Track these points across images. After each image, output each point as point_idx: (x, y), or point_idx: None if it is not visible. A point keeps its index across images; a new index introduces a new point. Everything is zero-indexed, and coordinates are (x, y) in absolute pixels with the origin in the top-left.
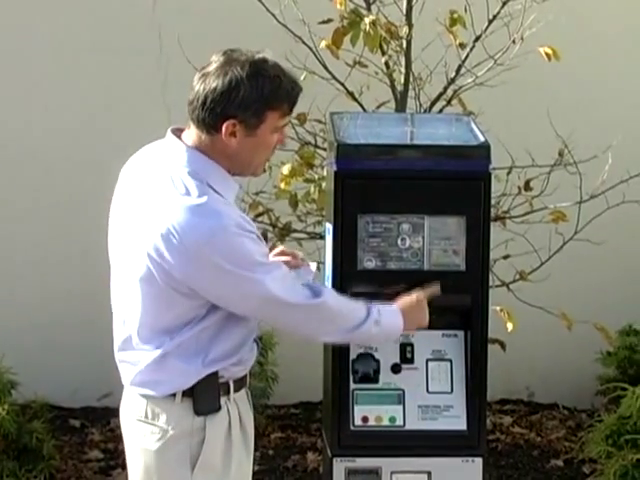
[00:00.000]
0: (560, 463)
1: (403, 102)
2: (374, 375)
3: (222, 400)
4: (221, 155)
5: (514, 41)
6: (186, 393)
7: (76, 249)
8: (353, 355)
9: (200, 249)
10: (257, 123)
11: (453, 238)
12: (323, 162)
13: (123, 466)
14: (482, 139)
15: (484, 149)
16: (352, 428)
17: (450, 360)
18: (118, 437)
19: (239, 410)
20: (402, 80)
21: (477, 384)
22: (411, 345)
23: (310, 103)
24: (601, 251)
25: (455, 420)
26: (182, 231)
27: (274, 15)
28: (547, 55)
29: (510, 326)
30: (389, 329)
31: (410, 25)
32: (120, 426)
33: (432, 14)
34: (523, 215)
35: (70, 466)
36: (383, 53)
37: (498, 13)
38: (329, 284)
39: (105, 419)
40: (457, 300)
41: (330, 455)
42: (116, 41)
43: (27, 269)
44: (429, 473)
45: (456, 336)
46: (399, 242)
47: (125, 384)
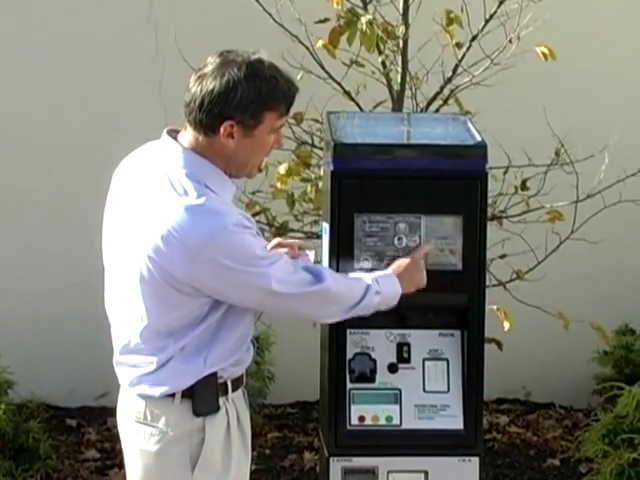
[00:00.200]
0: (557, 462)
1: (400, 101)
2: (371, 374)
3: (221, 400)
4: (218, 156)
5: (511, 41)
6: (185, 394)
7: (74, 249)
8: (350, 355)
9: (202, 249)
10: (255, 124)
11: (450, 237)
12: (320, 161)
13: (120, 466)
14: (479, 138)
15: (481, 149)
16: (349, 427)
17: (447, 359)
18: (115, 437)
19: (237, 410)
20: (399, 79)
21: (474, 383)
22: (408, 345)
23: (307, 102)
24: (597, 250)
25: (452, 419)
26: (183, 231)
27: (271, 14)
28: (544, 55)
29: (507, 325)
30: (389, 296)
31: (407, 24)
32: (117, 426)
33: (429, 13)
34: (520, 214)
35: (67, 466)
36: (380, 52)
37: (495, 12)
38: None
39: (102, 419)
40: (454, 299)
41: (327, 454)
42: (112, 40)
43: (23, 269)
44: (426, 472)
45: (453, 335)
46: (396, 241)
47: (123, 385)
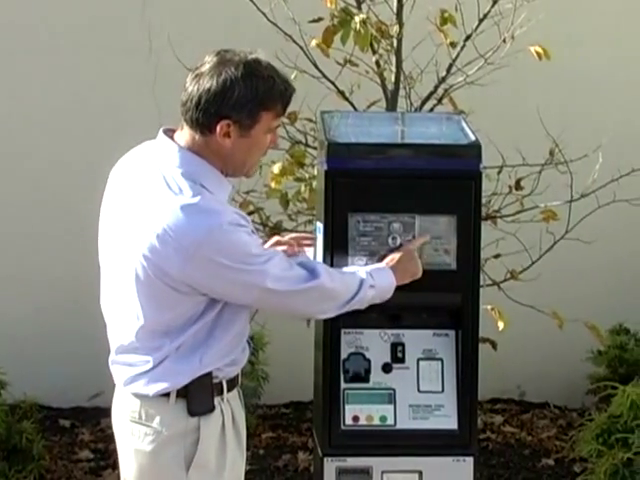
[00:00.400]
0: (551, 462)
1: (394, 101)
2: (365, 374)
3: (216, 400)
4: (215, 156)
5: (505, 40)
6: (180, 394)
7: (69, 247)
8: (344, 354)
9: (197, 248)
10: (251, 124)
11: (444, 237)
12: (314, 161)
13: (114, 466)
14: (473, 138)
15: (475, 148)
16: (343, 428)
17: (441, 359)
18: (108, 437)
19: (232, 410)
20: (393, 79)
21: (468, 383)
22: (402, 344)
23: (301, 102)
24: (592, 250)
25: (446, 419)
26: (178, 230)
27: (264, 14)
28: (538, 54)
29: (501, 325)
30: (384, 289)
31: (401, 24)
32: (111, 426)
33: (423, 13)
34: (514, 214)
35: (60, 466)
36: (374, 52)
37: (489, 12)
38: None
39: (95, 419)
40: (448, 299)
41: (321, 455)
42: (106, 40)
43: (16, 269)
44: (420, 472)
45: (447, 335)
46: (390, 241)
47: (118, 385)
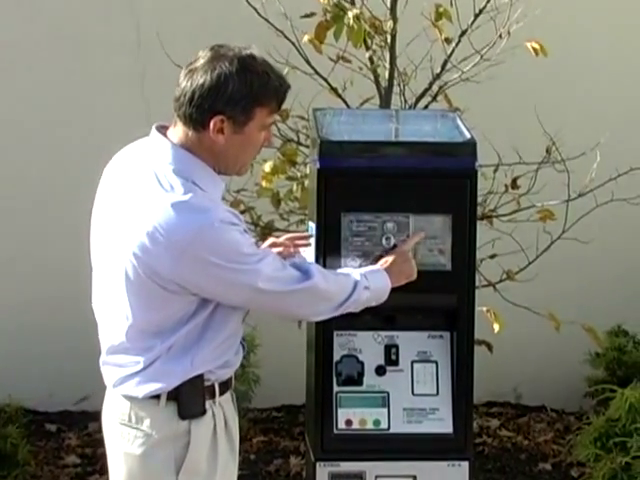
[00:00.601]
0: (548, 466)
1: (388, 98)
2: (358, 377)
3: (207, 404)
4: (208, 152)
5: (501, 36)
6: (170, 396)
7: (55, 252)
8: (336, 357)
9: (187, 246)
10: (245, 120)
11: (439, 237)
12: (306, 159)
13: (101, 472)
14: (468, 136)
15: (470, 146)
16: (335, 431)
17: (436, 362)
18: (96, 442)
19: (224, 414)
20: (387, 76)
21: (463, 386)
22: (396, 347)
23: (292, 99)
24: (589, 250)
25: (441, 423)
26: (168, 228)
27: (255, 9)
28: (534, 50)
29: (497, 327)
30: (378, 291)
31: (395, 19)
32: (99, 430)
33: (417, 8)
34: (510, 213)
35: (46, 472)
36: (367, 48)
37: (484, 7)
38: None
39: (82, 423)
40: (443, 300)
41: (313, 459)
42: (95, 35)
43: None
44: (414, 477)
45: (442, 337)
46: (384, 241)
47: (108, 386)
